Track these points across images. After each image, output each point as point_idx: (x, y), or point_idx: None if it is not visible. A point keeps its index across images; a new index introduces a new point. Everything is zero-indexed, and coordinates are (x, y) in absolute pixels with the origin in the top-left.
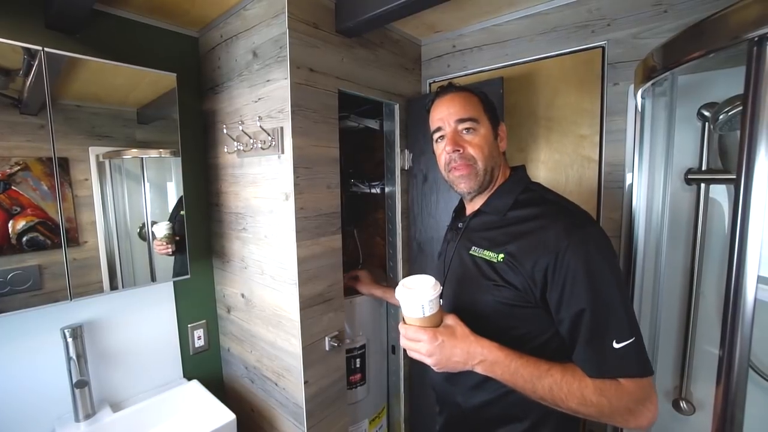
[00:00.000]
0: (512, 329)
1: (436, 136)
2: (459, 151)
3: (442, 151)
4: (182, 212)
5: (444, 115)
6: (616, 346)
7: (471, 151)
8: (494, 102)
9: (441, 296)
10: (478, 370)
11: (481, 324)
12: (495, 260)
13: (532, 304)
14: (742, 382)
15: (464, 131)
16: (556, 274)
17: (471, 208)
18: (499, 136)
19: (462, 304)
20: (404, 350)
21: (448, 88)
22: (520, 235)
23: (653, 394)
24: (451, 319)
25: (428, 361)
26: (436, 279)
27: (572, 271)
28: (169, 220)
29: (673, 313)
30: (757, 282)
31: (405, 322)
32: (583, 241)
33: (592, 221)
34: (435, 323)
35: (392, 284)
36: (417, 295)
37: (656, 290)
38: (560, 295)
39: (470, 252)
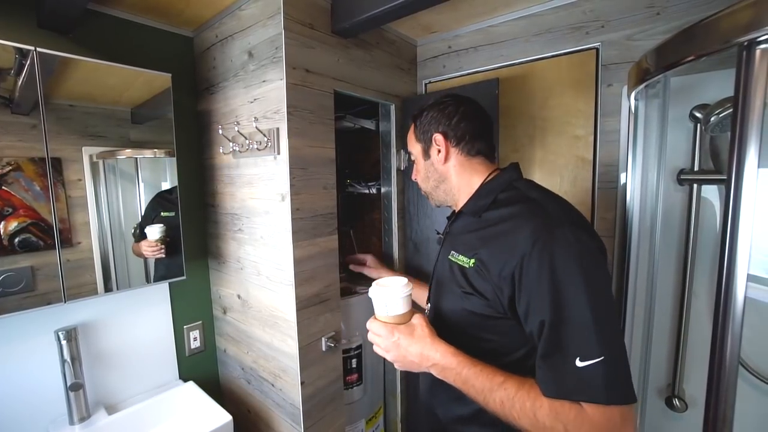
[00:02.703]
0: (484, 342)
1: None
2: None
3: None
4: (162, 213)
5: None
6: (579, 364)
7: (416, 179)
8: (437, 114)
9: (410, 297)
10: (433, 372)
11: (453, 333)
12: (467, 266)
13: (502, 315)
14: (732, 380)
15: (412, 162)
16: (522, 280)
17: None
18: (432, 148)
19: (439, 312)
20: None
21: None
22: (491, 238)
23: (629, 428)
24: (416, 319)
25: (387, 357)
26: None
27: (536, 278)
28: (154, 222)
29: (666, 310)
30: (747, 280)
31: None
32: (550, 244)
33: (570, 222)
34: (402, 323)
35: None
36: (382, 293)
37: (650, 289)
38: (527, 304)
39: (449, 257)
